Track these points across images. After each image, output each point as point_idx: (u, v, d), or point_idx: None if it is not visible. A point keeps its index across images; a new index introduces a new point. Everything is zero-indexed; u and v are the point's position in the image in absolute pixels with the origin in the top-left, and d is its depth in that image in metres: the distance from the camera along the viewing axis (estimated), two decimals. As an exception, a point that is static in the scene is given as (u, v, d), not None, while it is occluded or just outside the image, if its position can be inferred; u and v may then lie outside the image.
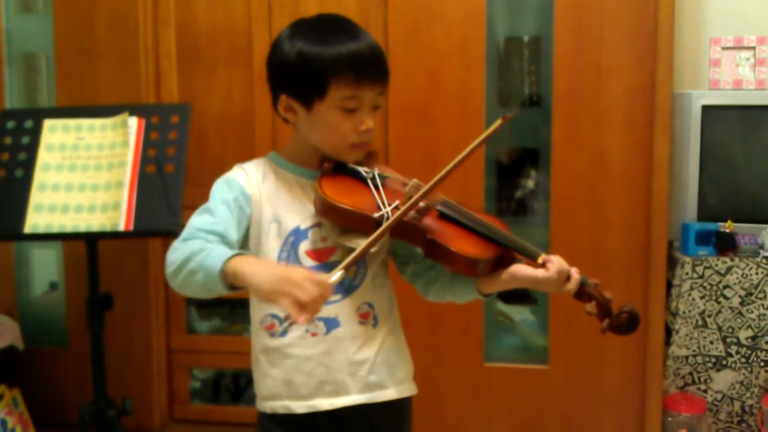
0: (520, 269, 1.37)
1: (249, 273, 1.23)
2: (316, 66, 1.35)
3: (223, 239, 1.34)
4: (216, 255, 1.26)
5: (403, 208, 1.32)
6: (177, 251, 1.31)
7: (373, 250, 1.33)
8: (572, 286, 1.38)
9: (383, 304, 1.46)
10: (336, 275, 1.25)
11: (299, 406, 1.41)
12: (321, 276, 1.22)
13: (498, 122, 1.37)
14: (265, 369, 1.44)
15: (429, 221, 1.38)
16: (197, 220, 1.36)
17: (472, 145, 1.36)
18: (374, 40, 1.41)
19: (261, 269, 1.24)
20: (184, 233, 1.34)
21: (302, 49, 1.37)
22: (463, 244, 1.35)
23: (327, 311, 1.38)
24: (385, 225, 1.30)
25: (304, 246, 1.40)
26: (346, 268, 1.27)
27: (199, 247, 1.28)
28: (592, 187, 2.70)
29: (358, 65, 1.35)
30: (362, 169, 1.42)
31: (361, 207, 1.35)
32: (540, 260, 1.36)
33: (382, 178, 1.42)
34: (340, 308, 1.40)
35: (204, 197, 1.43)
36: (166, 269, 1.32)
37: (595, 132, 2.68)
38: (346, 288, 1.41)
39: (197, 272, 1.26)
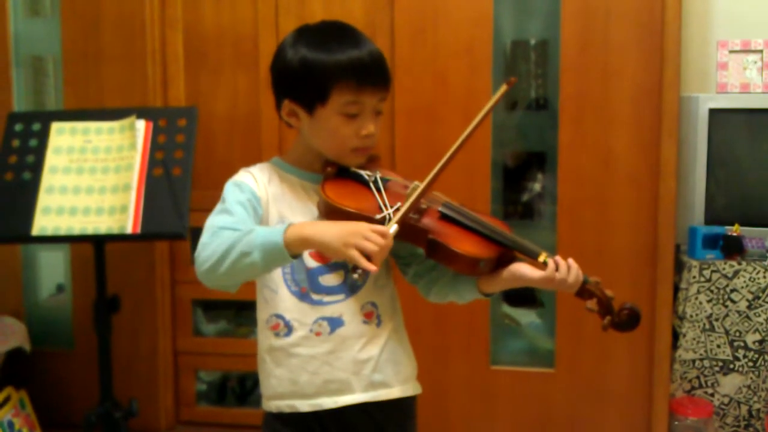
0: (520, 269, 1.38)
1: (315, 234, 1.28)
2: (319, 72, 1.37)
3: None
4: (268, 232, 1.29)
5: (428, 177, 1.36)
6: (211, 245, 1.32)
7: None
8: (574, 284, 1.38)
9: (386, 304, 1.48)
10: (393, 227, 1.29)
11: (304, 405, 1.43)
12: (381, 227, 1.28)
13: (503, 87, 1.40)
14: (270, 369, 1.46)
15: (430, 222, 1.39)
16: (218, 220, 1.37)
17: (482, 112, 1.41)
18: (376, 47, 1.43)
19: (325, 227, 1.30)
20: (209, 232, 1.35)
21: (305, 56, 1.39)
22: (464, 244, 1.36)
23: (331, 311, 1.41)
24: (425, 183, 1.35)
25: None
26: (400, 223, 1.31)
27: (242, 232, 1.31)
28: (598, 190, 2.69)
29: (360, 72, 1.37)
30: (364, 173, 1.45)
31: (363, 209, 1.37)
32: (541, 259, 1.37)
33: (384, 181, 1.44)
34: (344, 308, 1.42)
35: (211, 200, 1.44)
36: (201, 265, 1.32)
37: (602, 135, 2.68)
38: (349, 288, 1.43)
39: (250, 253, 1.28)
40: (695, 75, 2.91)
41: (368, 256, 1.24)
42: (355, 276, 1.25)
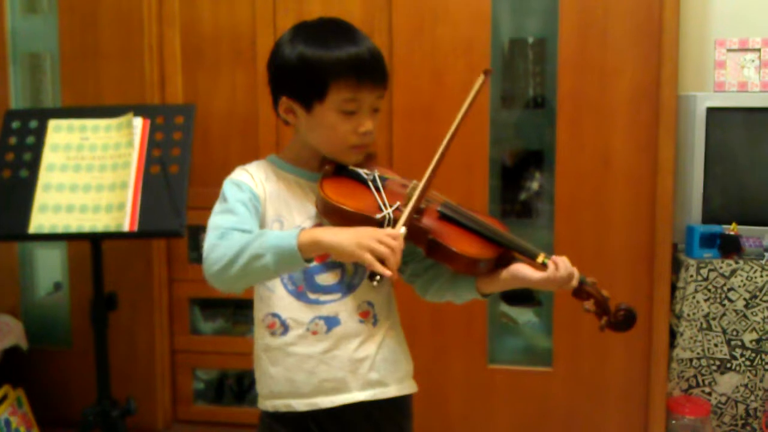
0: (520, 269, 1.38)
1: (327, 238, 1.28)
2: (317, 69, 1.37)
3: None
4: (281, 235, 1.29)
5: (426, 177, 1.37)
6: (220, 246, 1.31)
7: None
8: (573, 285, 1.39)
9: (383, 303, 1.48)
10: (403, 228, 1.30)
11: (300, 404, 1.43)
12: (392, 230, 1.28)
13: (480, 78, 1.41)
14: (266, 368, 1.45)
15: (430, 221, 1.39)
16: (222, 220, 1.37)
17: (464, 107, 1.40)
18: (374, 44, 1.43)
19: (337, 232, 1.29)
20: (216, 233, 1.35)
21: (303, 52, 1.38)
22: (464, 244, 1.36)
23: (327, 310, 1.41)
24: (423, 182, 1.36)
25: None
26: (407, 224, 1.31)
27: (253, 235, 1.31)
28: (596, 188, 2.69)
29: (358, 68, 1.37)
30: (363, 171, 1.44)
31: (363, 208, 1.36)
32: (539, 260, 1.37)
33: (383, 179, 1.43)
34: (340, 307, 1.42)
35: (208, 197, 1.43)
36: (210, 267, 1.31)
37: (600, 133, 2.68)
38: (346, 287, 1.43)
39: (263, 255, 1.28)
40: (693, 74, 2.91)
41: (382, 261, 1.24)
42: (374, 283, 1.24)
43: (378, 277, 1.24)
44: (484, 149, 2.75)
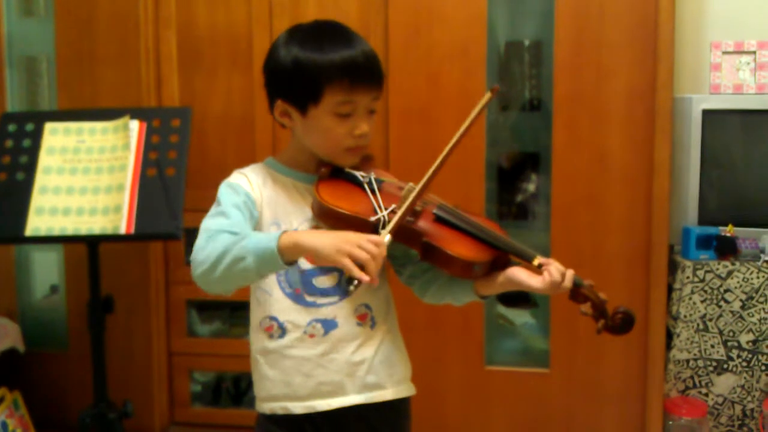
0: (516, 274, 1.38)
1: (308, 241, 1.26)
2: (311, 72, 1.37)
3: None
4: (262, 237, 1.29)
5: (422, 182, 1.36)
6: (206, 249, 1.31)
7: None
8: (566, 287, 1.38)
9: (380, 305, 1.48)
10: (387, 236, 1.28)
11: (297, 407, 1.43)
12: (375, 236, 1.27)
13: (487, 95, 1.40)
14: (263, 370, 1.45)
15: (425, 224, 1.39)
16: (214, 223, 1.37)
17: (467, 122, 1.40)
18: (369, 46, 1.42)
19: (318, 236, 1.28)
20: (205, 235, 1.34)
21: (297, 56, 1.39)
22: (459, 247, 1.36)
23: (325, 313, 1.41)
24: (419, 187, 1.35)
25: None
26: (393, 231, 1.30)
27: (237, 237, 1.30)
28: (592, 190, 2.70)
29: (353, 71, 1.37)
30: (359, 174, 1.44)
31: (358, 211, 1.36)
32: (535, 262, 1.37)
33: (379, 182, 1.43)
34: (338, 309, 1.42)
35: (204, 200, 1.43)
36: (196, 269, 1.31)
37: (596, 136, 2.68)
38: (343, 290, 1.42)
39: (244, 258, 1.27)
40: (689, 76, 2.91)
41: (361, 266, 1.22)
42: (351, 288, 1.23)
43: (355, 282, 1.22)
44: (480, 151, 2.75)
